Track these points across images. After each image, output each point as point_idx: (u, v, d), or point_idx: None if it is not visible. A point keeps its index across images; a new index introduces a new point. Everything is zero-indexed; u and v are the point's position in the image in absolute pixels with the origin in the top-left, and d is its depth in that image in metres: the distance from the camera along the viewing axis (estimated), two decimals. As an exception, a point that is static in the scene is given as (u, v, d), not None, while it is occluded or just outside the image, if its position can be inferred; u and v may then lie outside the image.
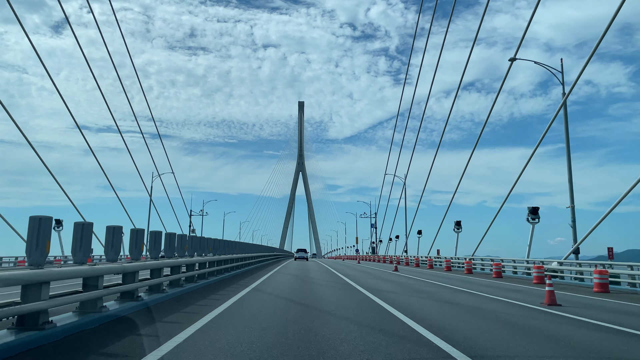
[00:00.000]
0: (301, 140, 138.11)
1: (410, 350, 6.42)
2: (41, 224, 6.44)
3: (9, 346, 5.65)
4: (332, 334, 7.45)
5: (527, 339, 7.43)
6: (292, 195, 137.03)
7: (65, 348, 6.31)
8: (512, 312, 10.92)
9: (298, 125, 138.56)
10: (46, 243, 6.53)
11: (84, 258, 7.61)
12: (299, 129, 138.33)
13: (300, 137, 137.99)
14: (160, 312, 9.55)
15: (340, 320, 8.97)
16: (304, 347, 6.46)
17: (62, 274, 6.93)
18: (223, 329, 7.72)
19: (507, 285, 20.95)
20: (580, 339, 7.59)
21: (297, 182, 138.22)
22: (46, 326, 6.54)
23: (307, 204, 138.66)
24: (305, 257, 65.87)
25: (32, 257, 6.31)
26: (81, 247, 7.56)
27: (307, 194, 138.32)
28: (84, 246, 7.59)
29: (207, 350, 6.17)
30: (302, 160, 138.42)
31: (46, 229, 6.51)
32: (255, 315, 9.29)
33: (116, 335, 7.13)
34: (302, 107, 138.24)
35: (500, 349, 6.65)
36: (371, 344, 6.73)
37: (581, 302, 13.81)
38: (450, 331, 7.93)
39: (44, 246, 6.47)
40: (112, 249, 8.69)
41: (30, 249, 6.32)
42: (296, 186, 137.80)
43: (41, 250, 6.38)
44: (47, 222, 6.54)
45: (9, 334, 6.02)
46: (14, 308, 5.87)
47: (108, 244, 8.67)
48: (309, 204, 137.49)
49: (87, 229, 7.67)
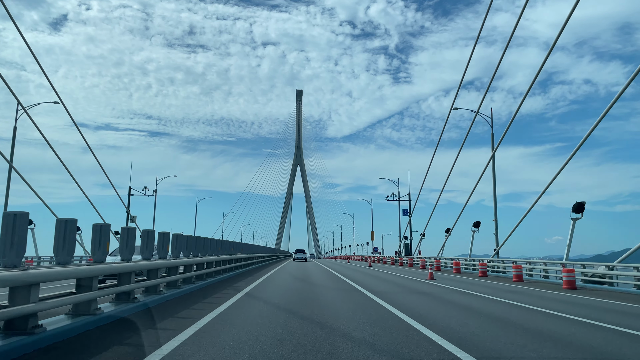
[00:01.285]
0: (299, 132, 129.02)
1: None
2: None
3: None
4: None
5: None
6: (290, 190, 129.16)
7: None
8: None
9: (296, 115, 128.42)
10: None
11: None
12: (297, 119, 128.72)
13: (298, 128, 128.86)
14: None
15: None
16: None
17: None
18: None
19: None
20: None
21: (295, 175, 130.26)
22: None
23: (305, 199, 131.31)
24: (303, 257, 69.46)
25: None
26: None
27: (306, 188, 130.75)
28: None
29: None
30: (300, 152, 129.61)
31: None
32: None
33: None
34: (300, 96, 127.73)
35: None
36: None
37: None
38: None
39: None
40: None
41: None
42: (294, 181, 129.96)
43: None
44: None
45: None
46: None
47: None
48: (307, 200, 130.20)
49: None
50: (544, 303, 13.32)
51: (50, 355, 5.84)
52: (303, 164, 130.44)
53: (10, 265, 5.84)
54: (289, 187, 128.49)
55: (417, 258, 47.34)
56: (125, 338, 6.98)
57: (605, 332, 8.40)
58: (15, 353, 5.57)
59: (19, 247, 5.96)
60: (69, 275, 6.97)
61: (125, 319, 8.61)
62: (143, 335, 7.18)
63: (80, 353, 6.03)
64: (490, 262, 31.44)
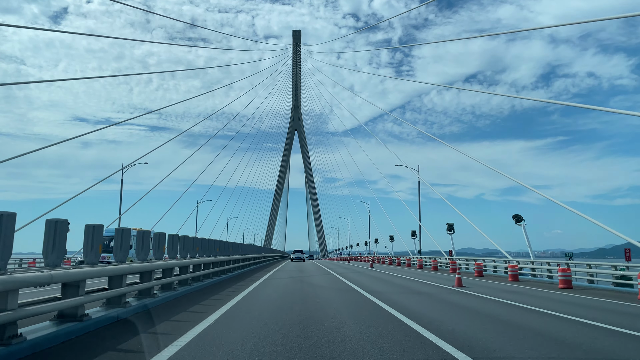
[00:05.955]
0: (297, 86, 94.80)
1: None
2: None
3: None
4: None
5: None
6: (285, 164, 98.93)
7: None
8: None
9: (293, 62, 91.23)
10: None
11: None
12: (294, 68, 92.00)
13: (295, 81, 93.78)
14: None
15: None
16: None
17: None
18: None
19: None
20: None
21: (292, 147, 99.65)
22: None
23: (306, 179, 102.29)
24: (302, 257, 70.93)
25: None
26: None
27: (306, 165, 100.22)
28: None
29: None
30: (298, 114, 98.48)
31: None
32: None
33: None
34: (298, 37, 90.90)
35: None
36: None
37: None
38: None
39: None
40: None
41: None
42: (290, 151, 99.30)
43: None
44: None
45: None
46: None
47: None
48: (308, 179, 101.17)
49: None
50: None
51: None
52: (303, 130, 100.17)
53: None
54: (283, 161, 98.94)
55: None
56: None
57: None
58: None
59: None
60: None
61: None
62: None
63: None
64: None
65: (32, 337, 6.04)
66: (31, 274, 6.12)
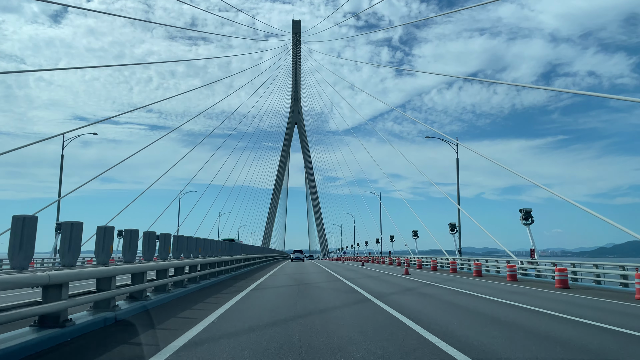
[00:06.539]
0: (296, 77, 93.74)
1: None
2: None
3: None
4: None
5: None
6: (285, 158, 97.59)
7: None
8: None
9: (292, 53, 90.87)
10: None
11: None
12: (294, 58, 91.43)
13: (295, 72, 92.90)
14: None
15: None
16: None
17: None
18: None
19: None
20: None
21: (291, 139, 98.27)
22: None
23: (306, 175, 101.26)
24: (301, 257, 72.23)
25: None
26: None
27: (306, 160, 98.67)
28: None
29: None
30: (297, 107, 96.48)
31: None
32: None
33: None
34: (298, 27, 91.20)
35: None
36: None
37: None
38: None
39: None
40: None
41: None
42: (289, 147, 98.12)
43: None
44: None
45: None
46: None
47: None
48: (308, 175, 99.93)
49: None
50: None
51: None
52: (302, 124, 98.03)
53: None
54: (282, 156, 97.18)
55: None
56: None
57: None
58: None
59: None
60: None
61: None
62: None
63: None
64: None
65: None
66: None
